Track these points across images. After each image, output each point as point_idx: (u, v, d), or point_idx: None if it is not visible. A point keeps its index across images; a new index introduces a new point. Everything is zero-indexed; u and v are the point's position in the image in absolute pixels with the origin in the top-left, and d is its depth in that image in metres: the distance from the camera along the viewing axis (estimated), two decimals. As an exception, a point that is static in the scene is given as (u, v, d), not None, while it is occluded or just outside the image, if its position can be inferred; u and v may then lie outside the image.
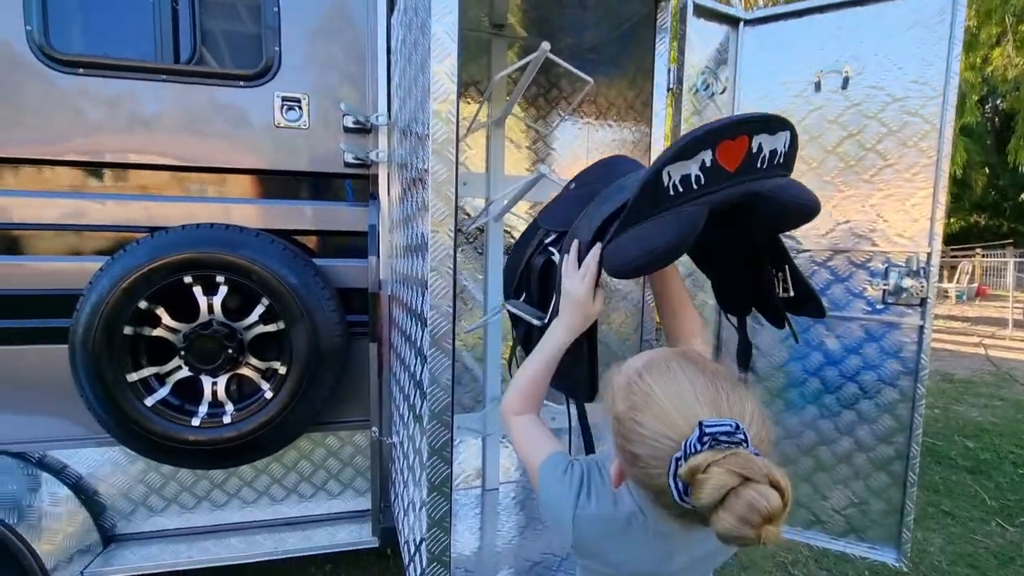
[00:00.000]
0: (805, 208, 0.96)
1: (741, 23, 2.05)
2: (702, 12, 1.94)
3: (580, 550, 0.83)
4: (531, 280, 1.20)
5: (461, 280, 2.35)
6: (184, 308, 1.68)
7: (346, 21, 1.84)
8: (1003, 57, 9.49)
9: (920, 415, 1.85)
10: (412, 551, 1.38)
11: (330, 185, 1.89)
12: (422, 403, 1.21)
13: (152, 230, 1.69)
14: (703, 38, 1.99)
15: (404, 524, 1.59)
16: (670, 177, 0.86)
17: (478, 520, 2.12)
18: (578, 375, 1.08)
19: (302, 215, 1.87)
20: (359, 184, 1.90)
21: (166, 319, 1.66)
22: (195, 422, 1.69)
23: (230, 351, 1.69)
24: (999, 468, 3.62)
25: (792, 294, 1.14)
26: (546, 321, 1.07)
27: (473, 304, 2.23)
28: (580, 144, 2.04)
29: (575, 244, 1.02)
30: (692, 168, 0.86)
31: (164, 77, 1.72)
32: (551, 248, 1.14)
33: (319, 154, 1.86)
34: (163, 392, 1.69)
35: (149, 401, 1.66)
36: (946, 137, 1.76)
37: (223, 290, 1.67)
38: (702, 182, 0.87)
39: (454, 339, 1.18)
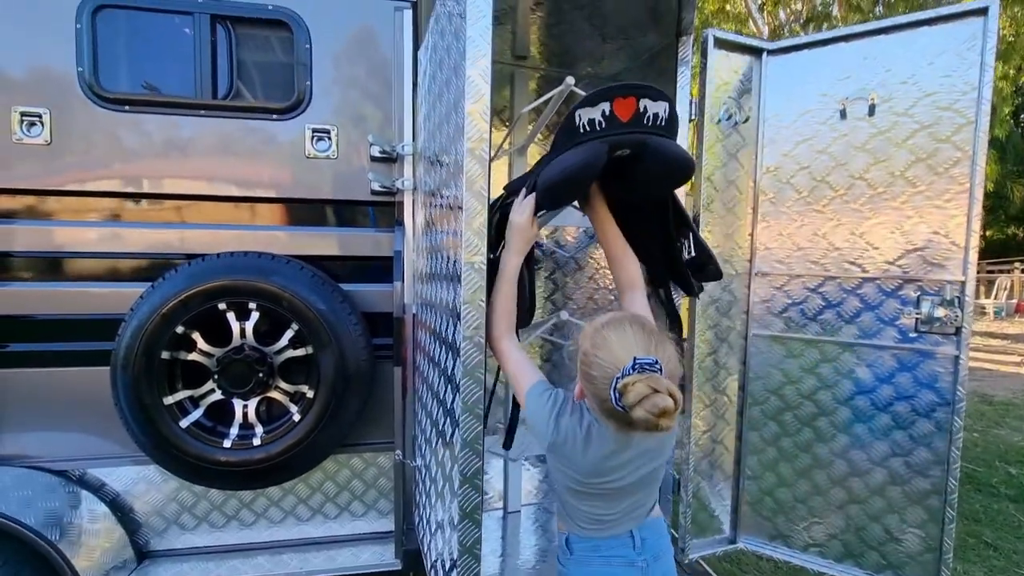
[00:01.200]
0: (681, 162, 1.29)
1: (764, 53, 2.05)
2: (723, 44, 1.96)
3: (554, 450, 1.15)
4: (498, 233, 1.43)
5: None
6: (218, 333, 1.74)
7: (373, 55, 1.90)
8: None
9: (957, 448, 1.79)
10: (442, 574, 1.39)
11: (357, 212, 1.94)
12: (454, 431, 1.23)
13: (189, 257, 1.76)
14: (725, 69, 2.00)
15: (431, 546, 1.60)
16: (580, 118, 1.21)
17: (500, 544, 2.12)
18: (520, 303, 1.36)
19: (330, 241, 1.92)
20: (385, 211, 1.95)
21: (201, 344, 1.72)
22: (226, 444, 1.74)
23: (261, 375, 1.74)
24: (1043, 497, 3.47)
25: (694, 254, 1.49)
26: (497, 253, 1.33)
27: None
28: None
29: (522, 191, 1.33)
30: (596, 114, 1.20)
31: (203, 112, 1.81)
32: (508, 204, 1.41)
33: (347, 183, 1.91)
34: (197, 414, 1.75)
35: (184, 423, 1.71)
36: (979, 165, 1.72)
37: (255, 316, 1.73)
38: (603, 126, 1.21)
39: (486, 369, 1.20)
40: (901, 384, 1.89)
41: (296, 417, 1.79)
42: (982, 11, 1.70)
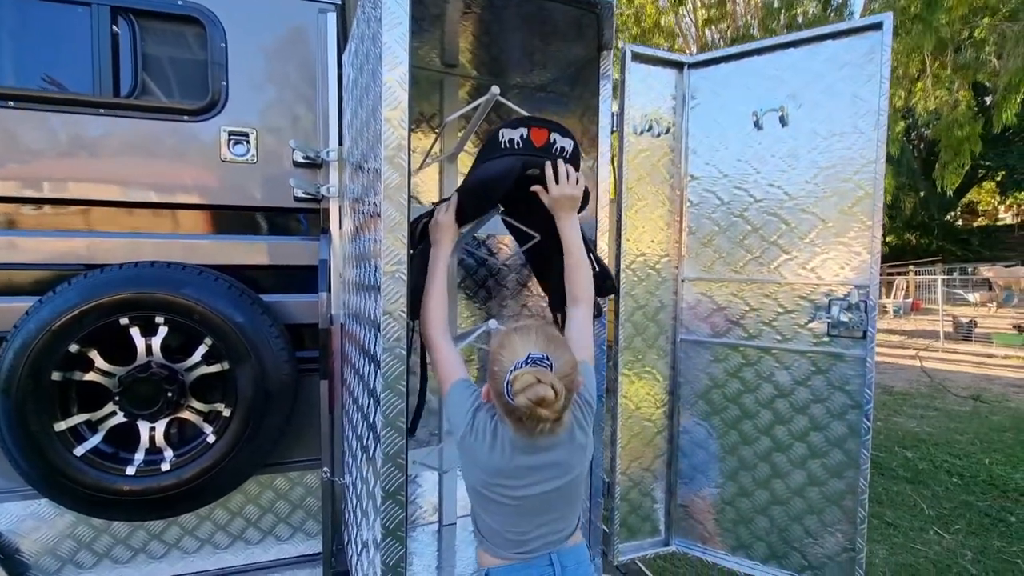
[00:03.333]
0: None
1: (685, 67, 2.16)
2: (643, 58, 2.04)
3: (464, 444, 1.19)
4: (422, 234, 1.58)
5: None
6: (120, 350, 1.59)
7: (297, 58, 1.83)
8: (923, 91, 10.33)
9: (867, 450, 1.87)
10: (364, 599, 1.34)
11: (279, 220, 1.85)
12: (376, 446, 1.19)
13: (89, 268, 1.61)
14: (647, 82, 2.08)
15: (358, 568, 1.54)
16: (503, 136, 1.42)
17: (436, 557, 2.07)
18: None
19: (250, 251, 1.82)
20: (310, 219, 1.87)
21: (99, 362, 1.57)
22: (130, 471, 1.60)
23: (170, 394, 1.61)
24: (935, 477, 3.84)
25: (597, 270, 1.64)
26: (419, 248, 1.47)
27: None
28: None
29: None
30: (515, 135, 1.41)
31: (103, 110, 1.66)
32: None
33: (268, 189, 1.82)
34: (95, 440, 1.59)
35: (79, 451, 1.55)
36: (879, 173, 1.85)
37: (163, 331, 1.60)
38: (520, 146, 1.41)
39: (408, 382, 1.17)
40: (816, 387, 1.99)
41: (211, 438, 1.67)
42: (878, 26, 1.84)
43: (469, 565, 2.02)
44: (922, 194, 18.83)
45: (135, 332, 1.59)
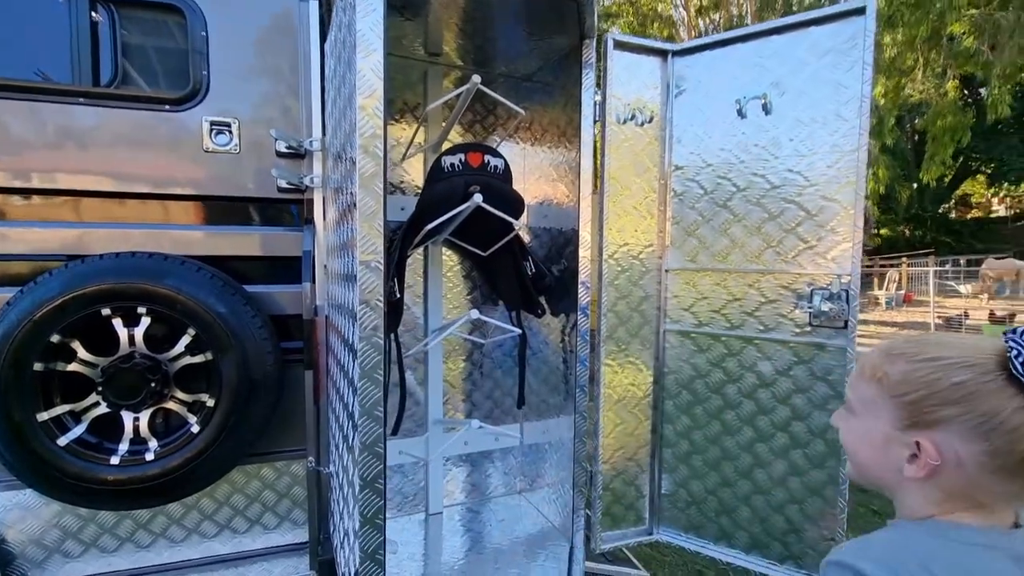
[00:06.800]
0: (511, 198, 1.73)
1: (669, 55, 2.15)
2: (626, 47, 2.03)
3: None
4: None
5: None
6: (103, 341, 1.60)
7: (279, 47, 1.82)
8: (914, 81, 10.33)
9: None
10: (346, 585, 1.36)
11: (263, 210, 1.85)
12: (354, 434, 1.20)
13: (70, 258, 1.61)
14: (631, 70, 2.07)
15: (340, 556, 1.56)
16: (445, 162, 1.69)
17: (422, 546, 2.09)
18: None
19: (234, 241, 1.82)
20: (293, 209, 1.87)
21: (82, 353, 1.58)
22: (114, 460, 1.60)
23: (153, 384, 1.62)
24: (921, 467, 3.87)
25: (535, 271, 2.00)
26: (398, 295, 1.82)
27: (415, 325, 2.22)
28: (517, 168, 2.08)
29: None
30: (455, 160, 1.68)
31: (82, 100, 1.65)
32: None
33: (251, 179, 1.82)
34: (78, 430, 1.60)
35: (63, 440, 1.56)
36: (861, 161, 1.85)
37: (145, 321, 1.61)
38: (460, 169, 1.68)
39: (386, 370, 1.18)
40: (799, 377, 1.99)
41: (195, 428, 1.68)
42: (861, 10, 1.81)
43: (454, 554, 2.04)
44: (915, 186, 18.91)
45: (117, 323, 1.59)
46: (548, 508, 2.27)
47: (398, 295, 1.84)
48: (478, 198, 1.55)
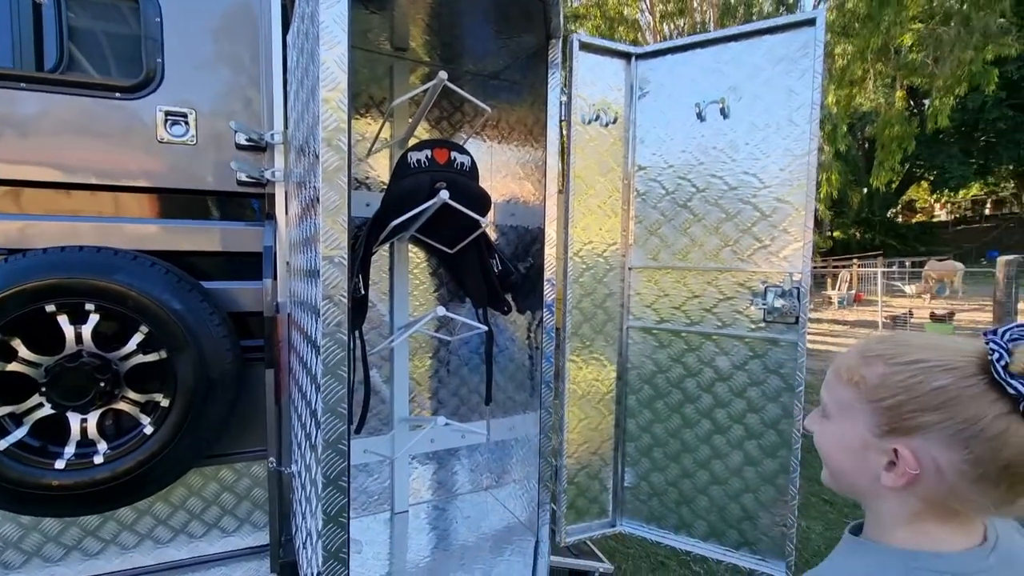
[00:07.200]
0: (477, 195, 1.76)
1: (633, 57, 2.20)
2: (591, 48, 2.06)
3: None
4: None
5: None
6: (48, 339, 1.52)
7: (238, 36, 1.77)
8: (864, 92, 10.86)
9: (799, 431, 1.95)
10: (309, 585, 1.33)
11: (222, 204, 1.80)
12: (317, 431, 1.18)
13: (11, 252, 1.52)
14: (596, 72, 2.10)
15: (303, 556, 1.53)
16: (411, 157, 1.70)
17: (387, 545, 2.08)
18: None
19: (191, 236, 1.76)
20: (254, 203, 1.83)
21: (23, 352, 1.50)
22: (60, 464, 1.53)
23: (103, 384, 1.55)
24: (868, 457, 4.07)
25: (501, 268, 2.03)
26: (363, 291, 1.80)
27: (381, 323, 2.20)
28: (483, 166, 2.08)
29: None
30: (421, 156, 1.69)
31: (23, 85, 1.57)
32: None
33: (209, 172, 1.77)
34: (19, 433, 1.51)
35: (1, 444, 1.48)
36: (812, 164, 1.93)
37: (94, 318, 1.54)
38: (426, 164, 1.70)
39: (350, 367, 1.16)
40: (753, 371, 2.07)
41: (148, 429, 1.62)
42: (811, 21, 1.90)
43: (420, 552, 2.03)
44: (866, 191, 19.87)
45: (63, 320, 1.52)
46: (514, 504, 2.29)
47: (363, 292, 1.82)
48: (444, 195, 1.54)
